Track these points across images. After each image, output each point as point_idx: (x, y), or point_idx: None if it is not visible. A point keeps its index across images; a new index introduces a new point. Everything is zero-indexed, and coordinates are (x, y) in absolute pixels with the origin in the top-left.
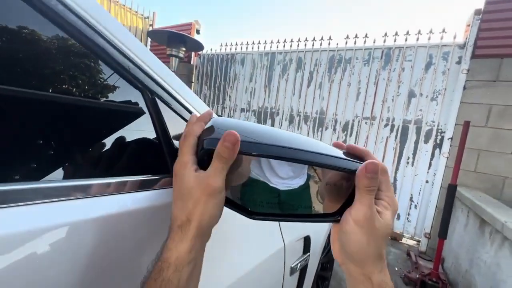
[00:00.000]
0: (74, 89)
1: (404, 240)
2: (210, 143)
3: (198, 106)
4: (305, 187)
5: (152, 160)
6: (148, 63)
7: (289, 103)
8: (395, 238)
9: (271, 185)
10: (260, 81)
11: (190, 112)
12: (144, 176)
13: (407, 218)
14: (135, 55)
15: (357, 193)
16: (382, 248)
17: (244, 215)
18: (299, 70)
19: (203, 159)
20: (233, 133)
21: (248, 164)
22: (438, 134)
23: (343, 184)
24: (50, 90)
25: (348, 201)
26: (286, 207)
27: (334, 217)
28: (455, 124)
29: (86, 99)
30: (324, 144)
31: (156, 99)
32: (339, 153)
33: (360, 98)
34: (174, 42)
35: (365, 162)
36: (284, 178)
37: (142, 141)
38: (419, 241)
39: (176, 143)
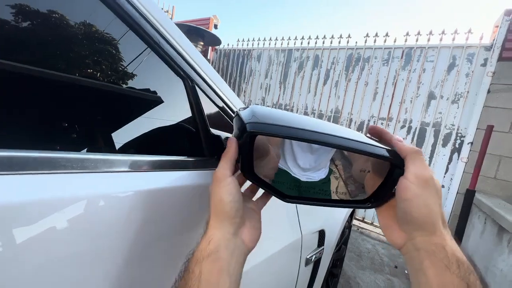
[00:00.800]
0: (125, 76)
1: None
2: (252, 126)
3: (231, 97)
4: (327, 180)
5: (189, 143)
6: (190, 53)
7: (304, 100)
8: None
9: (293, 174)
10: (275, 77)
11: (224, 101)
12: (181, 157)
13: None
14: (179, 45)
15: (408, 161)
16: (443, 213)
17: (277, 197)
18: (316, 68)
19: (247, 142)
20: (233, 140)
21: (278, 151)
22: (458, 138)
23: (376, 172)
24: (104, 75)
25: (380, 189)
26: (316, 192)
27: (365, 204)
28: (477, 129)
29: (137, 90)
30: (359, 133)
31: (196, 87)
32: (374, 142)
33: (377, 98)
34: (192, 36)
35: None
36: (305, 168)
37: (180, 125)
38: None
39: (212, 130)
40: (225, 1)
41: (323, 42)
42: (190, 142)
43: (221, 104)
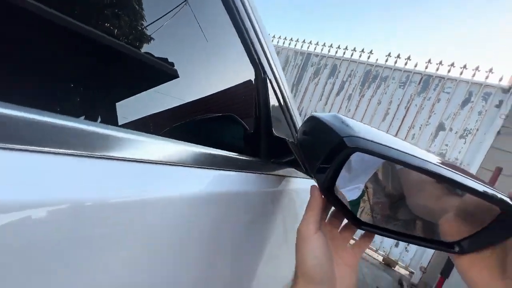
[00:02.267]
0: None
1: (397, 268)
2: (354, 142)
3: (291, 101)
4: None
5: (242, 140)
6: (268, 44)
7: (314, 107)
8: (389, 264)
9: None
10: (289, 79)
11: (286, 103)
12: (229, 153)
13: (406, 248)
14: (261, 32)
15: None
16: None
17: (353, 224)
18: (332, 77)
19: (342, 157)
20: (316, 189)
21: None
22: None
23: (471, 215)
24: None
25: (478, 234)
26: (395, 225)
27: (450, 248)
28: (480, 167)
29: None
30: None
31: (267, 80)
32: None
33: (387, 119)
34: None
35: None
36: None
37: (233, 117)
38: (412, 273)
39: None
40: None
41: (344, 53)
42: (244, 139)
43: (283, 104)
